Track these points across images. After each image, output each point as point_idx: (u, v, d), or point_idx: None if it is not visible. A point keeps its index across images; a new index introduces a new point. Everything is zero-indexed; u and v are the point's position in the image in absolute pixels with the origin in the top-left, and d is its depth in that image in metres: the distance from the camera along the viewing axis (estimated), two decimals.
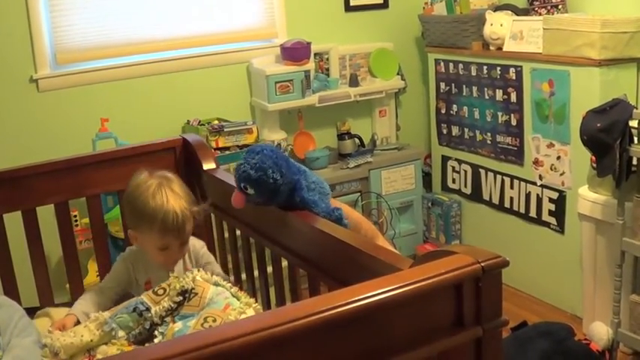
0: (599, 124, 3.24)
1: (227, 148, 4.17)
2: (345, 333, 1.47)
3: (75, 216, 3.71)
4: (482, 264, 1.57)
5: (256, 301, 2.29)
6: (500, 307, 1.65)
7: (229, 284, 2.27)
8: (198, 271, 2.28)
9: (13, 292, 2.82)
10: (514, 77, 4.20)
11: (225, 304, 2.13)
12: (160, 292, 2.25)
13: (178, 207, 2.40)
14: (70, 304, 2.90)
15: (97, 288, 2.57)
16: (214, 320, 2.07)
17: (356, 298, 1.45)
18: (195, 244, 2.65)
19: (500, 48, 4.30)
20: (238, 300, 2.18)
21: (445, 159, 4.95)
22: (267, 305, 2.79)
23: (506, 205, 4.47)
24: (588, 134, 3.29)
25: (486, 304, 1.61)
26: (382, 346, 1.53)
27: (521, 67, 4.15)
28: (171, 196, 2.42)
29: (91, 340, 2.17)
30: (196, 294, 2.19)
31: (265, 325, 1.36)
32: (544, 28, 3.92)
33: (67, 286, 3.12)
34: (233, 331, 1.34)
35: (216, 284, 2.23)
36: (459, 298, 1.59)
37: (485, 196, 4.63)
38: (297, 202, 2.37)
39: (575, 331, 3.48)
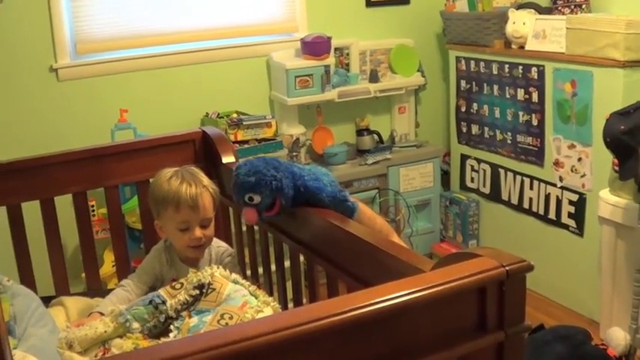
0: (622, 127, 3.20)
1: (246, 142, 4.15)
2: (365, 334, 1.45)
3: (92, 206, 3.69)
4: (507, 268, 1.54)
5: (273, 297, 2.28)
6: (523, 311, 1.62)
7: (248, 283, 2.25)
8: (218, 267, 2.26)
9: (29, 281, 2.83)
10: (536, 77, 4.16)
11: (243, 302, 2.11)
12: (177, 286, 2.24)
13: (192, 181, 2.47)
14: (85, 294, 2.91)
15: (126, 283, 2.56)
16: (231, 317, 2.05)
17: (378, 300, 1.42)
18: (221, 248, 2.66)
19: (522, 47, 4.26)
20: (256, 298, 2.16)
21: (464, 158, 4.92)
22: (283, 300, 2.78)
23: (525, 205, 4.43)
24: (611, 136, 3.25)
25: (510, 309, 1.58)
26: (403, 349, 1.50)
27: (543, 66, 4.11)
28: (187, 176, 2.49)
29: (105, 332, 2.16)
30: (214, 289, 2.17)
31: (286, 324, 1.34)
32: (567, 28, 3.88)
33: (83, 275, 3.11)
34: (253, 330, 1.32)
35: (235, 282, 2.21)
36: (482, 301, 1.56)
37: (504, 196, 4.59)
38: (302, 193, 2.35)
39: (592, 336, 3.45)
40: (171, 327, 2.14)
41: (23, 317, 2.14)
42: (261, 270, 2.93)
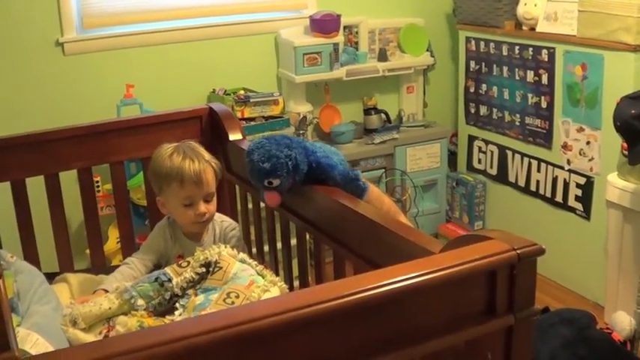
0: (633, 111, 3.17)
1: (252, 119, 4.12)
2: (374, 317, 1.43)
3: (97, 182, 3.68)
4: (518, 251, 1.53)
5: (279, 277, 2.26)
6: (533, 295, 1.61)
7: (255, 262, 2.23)
8: (225, 247, 2.25)
9: (33, 257, 2.81)
10: (546, 59, 4.12)
11: (250, 281, 2.09)
12: (184, 264, 2.22)
13: (195, 156, 2.46)
14: (89, 271, 2.90)
15: (130, 261, 2.55)
16: (237, 296, 2.03)
17: (387, 282, 1.40)
18: (225, 222, 2.64)
19: (533, 28, 4.22)
20: (263, 278, 2.15)
21: (472, 139, 4.89)
22: (289, 279, 2.76)
23: (532, 188, 4.41)
24: (622, 120, 3.22)
25: (520, 293, 1.57)
26: (411, 331, 1.49)
27: (554, 48, 4.06)
28: (189, 151, 2.48)
29: (110, 309, 2.15)
30: (221, 268, 2.16)
31: (293, 306, 1.32)
32: (579, 10, 3.83)
33: (87, 251, 3.09)
34: (260, 311, 1.30)
35: (242, 261, 2.19)
36: (493, 285, 1.55)
37: (511, 178, 4.57)
38: (314, 169, 2.33)
39: (597, 320, 3.43)
40: (177, 305, 2.13)
41: (26, 294, 2.12)
42: (266, 248, 2.92)
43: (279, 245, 2.81)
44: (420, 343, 1.48)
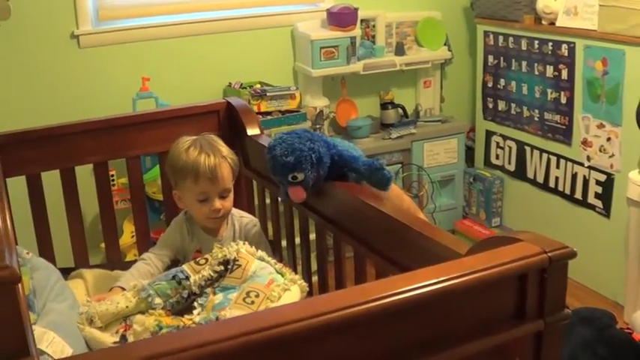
0: None
1: (269, 113, 4.07)
2: (402, 321, 1.40)
3: (112, 175, 3.65)
4: (550, 254, 1.49)
5: (299, 275, 2.23)
6: (564, 299, 1.57)
7: (274, 260, 2.20)
8: (244, 244, 2.21)
9: (48, 252, 2.80)
10: (566, 54, 4.07)
11: (269, 280, 2.06)
12: (202, 261, 2.19)
13: (211, 151, 2.42)
14: (104, 266, 2.87)
15: (147, 257, 2.52)
16: (257, 295, 2.00)
17: (417, 286, 1.37)
18: (244, 219, 2.60)
19: (552, 23, 4.16)
20: (283, 276, 2.11)
21: (489, 134, 4.84)
22: (307, 275, 2.72)
23: (551, 184, 4.36)
24: None
25: (550, 297, 1.53)
26: (440, 336, 1.45)
27: (574, 43, 4.01)
28: (206, 146, 2.44)
29: (127, 307, 2.12)
30: (239, 266, 2.12)
31: (321, 310, 1.29)
32: (600, 5, 3.78)
33: (102, 245, 3.07)
34: (287, 316, 1.27)
35: (261, 259, 2.16)
36: (523, 289, 1.51)
37: (530, 175, 4.52)
38: (336, 162, 2.29)
39: (616, 319, 3.39)
40: (195, 304, 2.10)
41: (43, 291, 2.09)
42: (284, 243, 2.89)
43: (297, 240, 2.77)
44: (449, 348, 1.45)
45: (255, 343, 1.22)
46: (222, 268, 2.16)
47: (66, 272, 2.65)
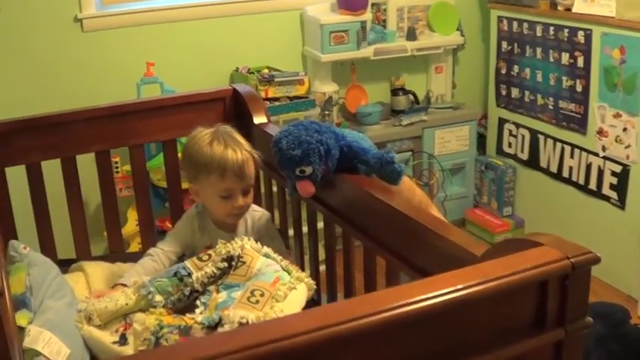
0: None
1: (277, 99, 4.00)
2: (418, 331, 1.33)
3: (116, 162, 3.58)
4: (572, 260, 1.42)
5: (305, 263, 2.15)
6: (585, 307, 1.49)
7: (280, 257, 2.11)
8: (249, 239, 2.13)
9: (49, 243, 2.75)
10: (582, 41, 3.97)
11: (275, 278, 1.97)
12: (205, 257, 2.11)
13: (237, 148, 2.33)
14: (106, 258, 2.80)
15: (154, 252, 2.43)
16: (262, 294, 1.91)
17: (432, 295, 1.29)
18: (256, 213, 2.53)
19: (569, 9, 4.06)
20: (289, 274, 2.03)
21: (502, 121, 4.75)
22: (315, 266, 2.67)
23: (565, 174, 4.27)
24: None
25: (572, 304, 1.45)
26: (457, 346, 1.38)
27: (590, 30, 3.91)
28: (229, 140, 2.35)
29: (126, 305, 2.05)
30: (244, 263, 2.04)
31: (331, 321, 1.21)
32: None
33: (105, 233, 3.00)
34: (295, 328, 1.19)
35: (267, 255, 2.08)
36: (543, 296, 1.43)
37: (543, 164, 4.43)
38: (345, 154, 2.22)
39: (630, 314, 3.32)
40: (198, 302, 2.02)
41: (40, 288, 2.02)
42: (291, 232, 2.83)
43: (304, 229, 2.72)
44: (466, 358, 1.36)
45: (261, 356, 1.14)
46: (225, 264, 2.08)
47: (67, 264, 2.60)
